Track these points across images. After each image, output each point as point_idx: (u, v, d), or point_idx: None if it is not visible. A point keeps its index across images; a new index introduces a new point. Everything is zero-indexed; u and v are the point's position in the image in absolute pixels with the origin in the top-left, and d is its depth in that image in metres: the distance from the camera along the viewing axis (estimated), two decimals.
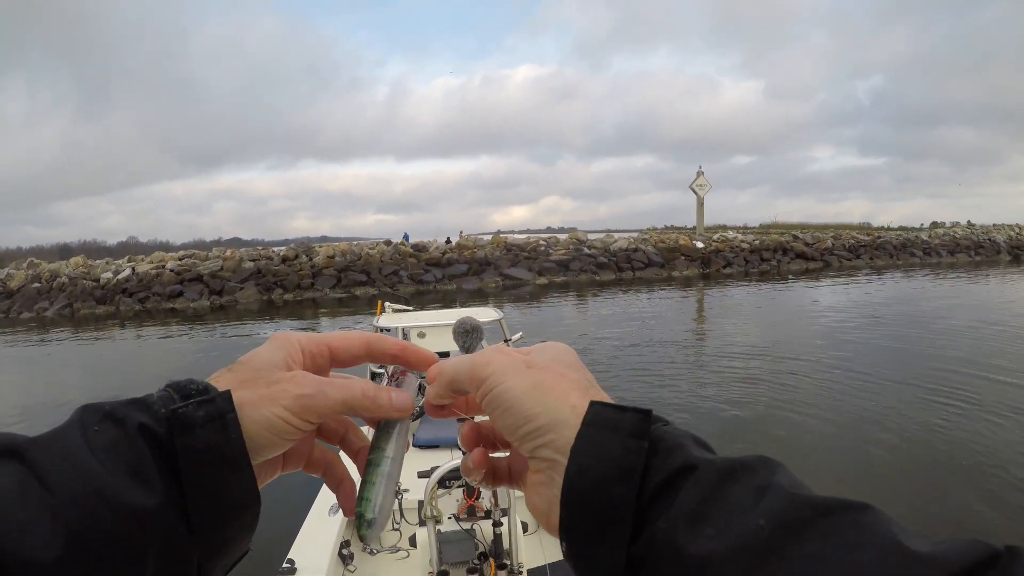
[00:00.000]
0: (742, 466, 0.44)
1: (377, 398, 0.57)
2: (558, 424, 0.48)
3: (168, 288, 32.65)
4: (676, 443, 0.46)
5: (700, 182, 47.66)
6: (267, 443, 0.52)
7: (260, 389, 0.52)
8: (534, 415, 0.49)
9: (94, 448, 0.46)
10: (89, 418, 0.48)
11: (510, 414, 0.51)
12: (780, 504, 0.40)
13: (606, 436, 0.46)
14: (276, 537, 4.14)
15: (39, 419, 11.56)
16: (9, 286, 34.96)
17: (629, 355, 14.89)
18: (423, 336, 6.32)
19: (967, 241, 50.53)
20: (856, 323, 18.63)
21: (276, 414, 0.52)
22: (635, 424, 0.46)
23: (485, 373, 0.52)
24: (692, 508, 0.42)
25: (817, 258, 42.44)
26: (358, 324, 21.40)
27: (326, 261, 35.54)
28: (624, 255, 38.80)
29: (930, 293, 26.59)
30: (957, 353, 13.59)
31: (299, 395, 0.53)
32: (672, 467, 0.44)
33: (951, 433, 8.62)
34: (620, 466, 0.45)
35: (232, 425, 0.49)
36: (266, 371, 0.54)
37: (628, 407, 0.47)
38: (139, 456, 0.46)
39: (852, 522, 0.38)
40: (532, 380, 0.51)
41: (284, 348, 0.56)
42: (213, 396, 0.50)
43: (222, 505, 0.49)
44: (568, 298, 28.70)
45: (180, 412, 0.48)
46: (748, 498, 0.41)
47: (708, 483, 0.43)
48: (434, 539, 3.33)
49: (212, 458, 0.48)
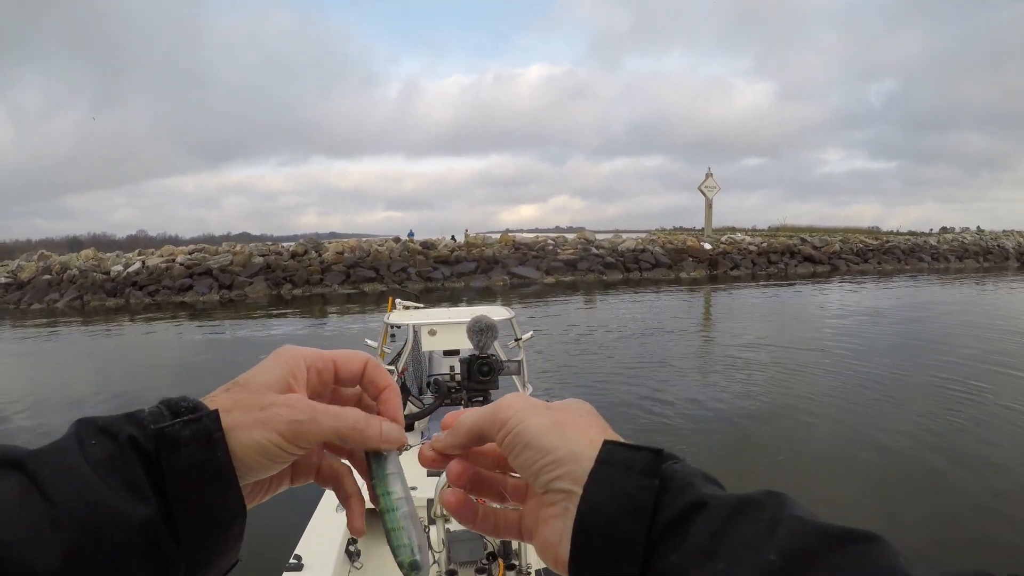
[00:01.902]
0: (750, 502, 0.45)
1: (367, 430, 0.57)
2: (576, 456, 0.50)
3: (178, 282, 32.79)
4: (686, 481, 0.47)
5: (709, 183, 47.61)
6: (257, 466, 0.53)
7: (253, 412, 0.53)
8: (552, 448, 0.51)
9: (91, 461, 0.47)
10: (85, 432, 0.49)
11: (529, 449, 0.52)
12: (790, 537, 0.41)
13: (619, 474, 0.48)
14: (283, 532, 4.12)
15: (46, 411, 11.69)
16: (20, 277, 35.18)
17: (634, 353, 14.96)
18: (434, 334, 6.32)
19: (976, 247, 50.42)
20: (861, 327, 18.65)
21: (267, 438, 0.52)
22: (647, 462, 0.48)
23: (506, 415, 0.54)
24: (703, 543, 0.43)
25: (825, 262, 42.37)
26: (367, 320, 21.51)
27: (335, 257, 35.65)
28: (632, 255, 38.83)
29: (939, 298, 26.52)
30: (962, 358, 13.61)
31: (291, 420, 0.53)
32: (682, 504, 0.46)
33: (955, 437, 8.68)
34: (631, 503, 0.46)
35: (218, 444, 0.50)
36: (262, 393, 0.54)
37: (641, 446, 0.49)
38: (133, 470, 0.48)
39: (861, 554, 0.39)
40: (552, 419, 0.53)
41: (287, 365, 0.57)
42: (200, 416, 0.50)
43: (207, 521, 0.50)
44: (575, 297, 28.74)
45: (166, 431, 0.49)
46: (759, 532, 0.42)
47: (718, 519, 0.44)
48: (443, 538, 3.32)
49: (197, 476, 0.49)
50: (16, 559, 0.42)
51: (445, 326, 6.19)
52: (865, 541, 0.40)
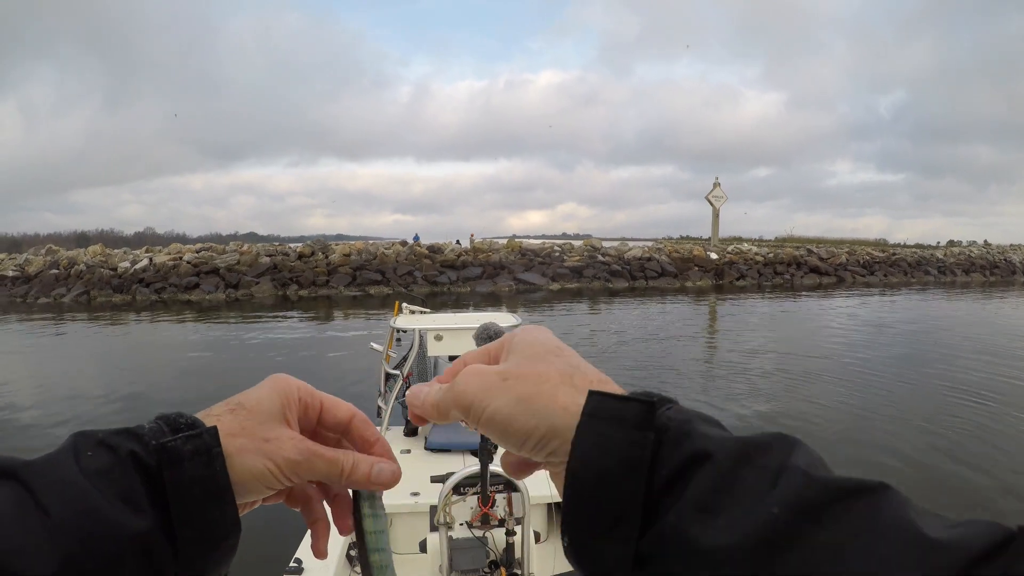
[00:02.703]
0: (755, 447, 0.42)
1: (354, 475, 0.58)
2: (555, 430, 0.47)
3: (185, 280, 32.92)
4: (683, 430, 0.44)
5: (716, 193, 47.62)
6: (254, 489, 0.55)
7: (257, 442, 0.55)
8: (530, 429, 0.48)
9: (87, 473, 0.47)
10: (82, 445, 0.50)
11: (507, 436, 0.50)
12: (794, 489, 0.38)
13: (609, 427, 0.45)
14: (284, 536, 4.10)
15: (51, 404, 11.75)
16: (27, 271, 35.40)
17: (639, 358, 14.99)
18: (440, 339, 6.34)
19: (982, 261, 50.25)
20: (865, 337, 18.60)
21: (268, 468, 0.54)
22: (639, 415, 0.44)
23: (467, 401, 0.51)
24: (702, 498, 0.41)
25: (831, 273, 42.28)
26: (373, 323, 21.57)
27: (342, 259, 35.75)
28: (638, 264, 38.82)
29: (944, 312, 26.46)
30: (967, 369, 13.55)
31: (289, 459, 0.55)
32: (681, 457, 0.43)
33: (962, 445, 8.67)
34: (625, 459, 0.43)
35: (217, 459, 0.51)
36: (265, 423, 0.56)
37: (631, 397, 0.46)
38: (130, 483, 0.48)
39: (868, 507, 0.37)
40: (514, 394, 0.49)
41: (283, 395, 0.58)
42: (201, 432, 0.52)
43: (206, 533, 0.51)
44: (580, 304, 28.74)
45: (169, 445, 0.50)
46: (762, 483, 0.40)
47: (720, 470, 0.41)
48: (445, 545, 3.31)
49: (198, 490, 0.50)
50: (11, 568, 0.42)
51: (452, 331, 6.20)
52: (871, 492, 0.38)
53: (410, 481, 4.52)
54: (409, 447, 5.43)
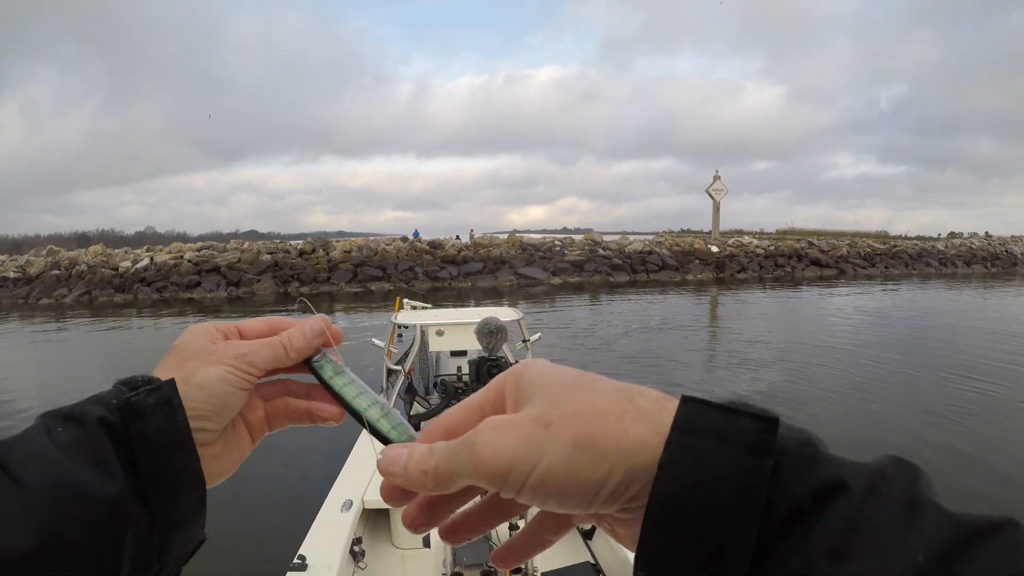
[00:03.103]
0: (881, 476, 0.36)
1: (293, 339, 0.60)
2: (635, 472, 0.38)
3: (186, 278, 32.93)
4: (806, 455, 0.37)
5: (717, 186, 47.62)
6: (222, 393, 0.56)
7: (204, 357, 0.57)
8: (601, 478, 0.38)
9: (58, 445, 0.48)
10: (51, 422, 0.51)
11: (568, 496, 0.39)
12: (933, 529, 0.34)
13: (710, 447, 0.36)
14: (287, 533, 4.07)
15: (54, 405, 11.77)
16: (29, 272, 35.43)
17: (641, 351, 14.95)
18: (441, 334, 6.33)
19: (983, 252, 50.21)
20: (866, 328, 18.58)
21: (223, 368, 0.56)
22: (754, 435, 0.36)
23: (503, 466, 0.40)
24: (835, 542, 0.34)
25: (832, 265, 42.26)
26: (374, 319, 21.58)
27: (343, 256, 35.77)
28: (639, 257, 38.82)
29: (944, 302, 26.46)
30: (971, 357, 13.53)
31: (238, 354, 0.58)
32: (807, 489, 0.36)
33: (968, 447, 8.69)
34: (734, 490, 0.35)
35: (178, 409, 0.53)
36: (202, 347, 0.59)
37: (742, 410, 0.37)
38: (101, 448, 0.49)
39: (1004, 548, 0.33)
40: (568, 441, 0.39)
41: (201, 330, 0.61)
42: (160, 385, 0.53)
43: (174, 484, 0.52)
44: (582, 298, 28.73)
45: (133, 400, 0.51)
46: (897, 522, 0.34)
47: (853, 506, 0.35)
48: None
49: (163, 440, 0.51)
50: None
51: (453, 327, 6.18)
52: (1003, 530, 0.33)
53: None
54: None
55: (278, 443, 4.95)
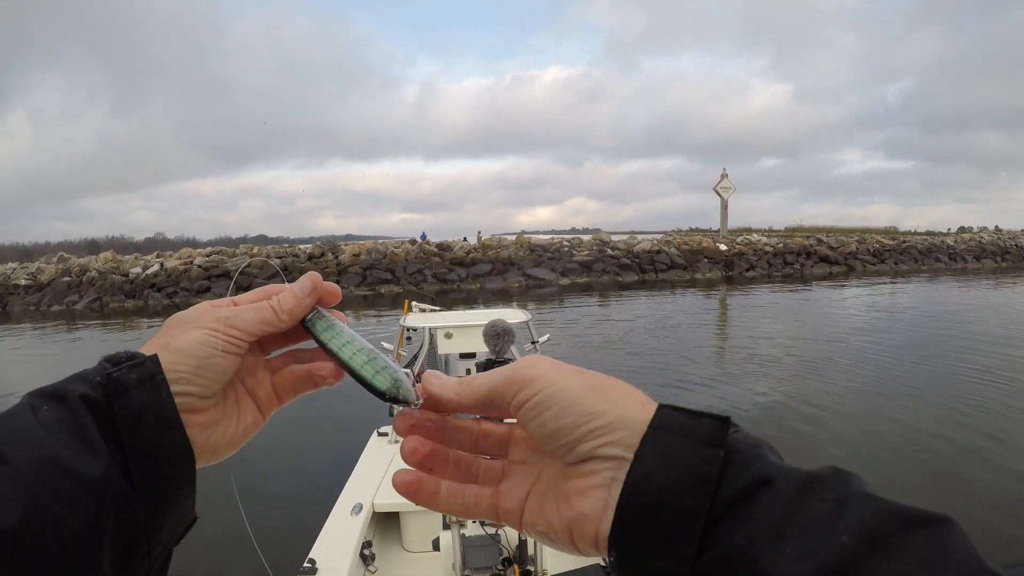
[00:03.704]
0: (817, 479, 0.41)
1: (284, 300, 0.60)
2: (628, 420, 0.46)
3: (196, 283, 33.06)
4: (752, 453, 0.43)
5: (724, 184, 47.46)
6: (201, 354, 0.55)
7: (188, 324, 0.57)
8: (599, 411, 0.46)
9: (43, 424, 0.48)
10: (35, 401, 0.51)
11: (567, 413, 0.47)
12: (861, 518, 0.38)
13: (677, 441, 0.43)
14: (297, 536, 4.12)
15: None
16: (40, 279, 35.63)
17: (651, 350, 14.94)
18: (450, 337, 6.34)
19: (993, 247, 49.98)
20: (878, 324, 18.52)
21: (203, 331, 0.56)
22: (711, 431, 0.43)
23: (531, 375, 0.49)
24: (773, 523, 0.39)
25: (841, 262, 42.10)
26: (383, 322, 21.62)
27: (352, 259, 35.83)
28: (647, 257, 38.74)
29: (956, 298, 26.33)
30: (982, 353, 13.49)
31: (219, 317, 0.57)
32: (749, 479, 0.42)
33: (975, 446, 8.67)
34: (693, 474, 0.42)
35: (162, 385, 0.52)
36: (186, 318, 0.58)
37: (703, 412, 0.44)
38: (85, 425, 0.49)
39: (935, 537, 0.36)
40: (590, 382, 0.48)
41: (197, 307, 0.60)
42: (143, 360, 0.53)
43: (160, 461, 0.51)
44: (591, 299, 28.72)
45: (115, 376, 0.51)
46: (829, 512, 0.39)
47: (787, 497, 0.40)
48: (458, 543, 3.30)
49: (148, 416, 0.51)
50: None
51: (461, 329, 6.19)
52: (937, 524, 0.37)
53: None
54: None
55: (289, 444, 5.04)
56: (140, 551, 0.51)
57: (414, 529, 4.56)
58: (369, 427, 5.88)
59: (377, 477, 4.69)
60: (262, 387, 0.63)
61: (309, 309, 0.61)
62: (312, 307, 0.61)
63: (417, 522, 4.56)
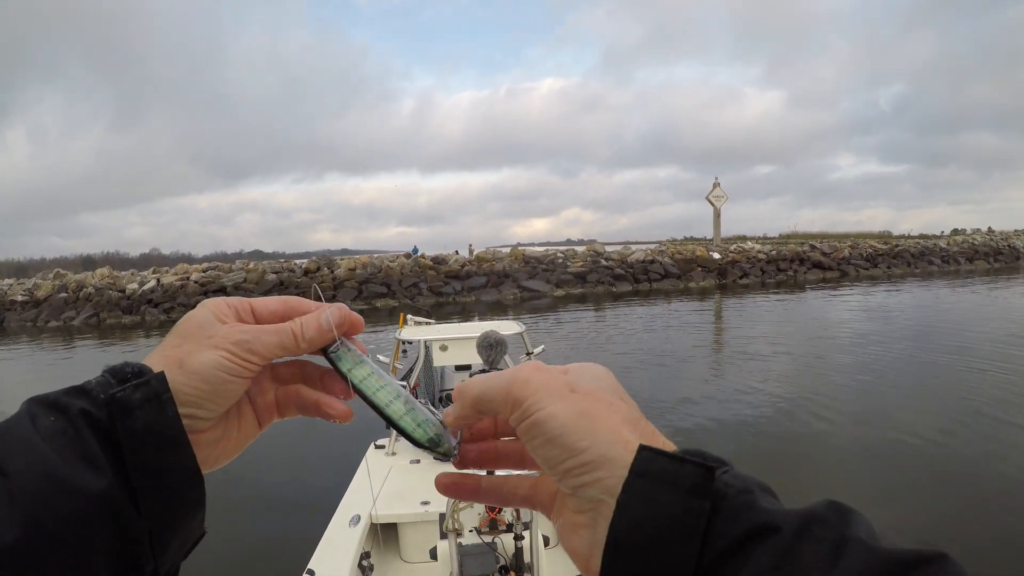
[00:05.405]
0: (814, 519, 0.40)
1: (307, 328, 0.58)
2: (609, 461, 0.45)
3: (192, 299, 32.98)
4: (742, 501, 0.42)
5: (716, 193, 47.67)
6: (217, 380, 0.54)
7: (202, 340, 0.55)
8: (581, 449, 0.45)
9: (43, 436, 0.47)
10: (36, 409, 0.49)
11: (553, 445, 0.46)
12: (857, 564, 0.37)
13: (660, 490, 0.42)
14: (296, 546, 4.12)
15: None
16: (36, 295, 35.67)
17: (644, 357, 15.01)
18: (445, 349, 6.45)
19: (986, 248, 50.16)
20: (870, 328, 18.65)
21: (220, 354, 0.54)
22: (695, 480, 0.42)
23: (524, 393, 0.48)
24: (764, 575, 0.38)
25: (834, 267, 42.23)
26: (379, 336, 21.73)
27: (347, 273, 35.90)
28: (641, 267, 38.87)
29: (946, 301, 26.47)
30: (975, 356, 13.61)
31: (238, 340, 0.55)
32: (741, 529, 0.40)
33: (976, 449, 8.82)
34: (679, 526, 0.41)
35: (168, 405, 0.51)
36: (204, 329, 0.56)
37: (687, 458, 0.43)
38: (85, 441, 0.48)
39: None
40: (579, 408, 0.47)
41: (212, 306, 0.58)
42: (148, 378, 0.51)
43: (166, 482, 0.50)
44: (585, 309, 28.80)
45: (119, 396, 0.49)
46: (824, 559, 0.38)
47: (781, 546, 0.39)
48: (455, 552, 3.31)
49: (152, 438, 0.49)
50: None
51: (456, 341, 6.29)
52: (931, 563, 0.36)
53: (420, 491, 4.64)
54: (419, 457, 5.47)
55: (287, 455, 5.25)
56: (147, 569, 0.49)
57: (412, 539, 4.60)
58: (366, 438, 5.98)
59: (375, 489, 4.78)
60: (265, 396, 0.62)
61: (331, 340, 0.59)
62: (334, 338, 0.59)
63: (415, 532, 4.58)
